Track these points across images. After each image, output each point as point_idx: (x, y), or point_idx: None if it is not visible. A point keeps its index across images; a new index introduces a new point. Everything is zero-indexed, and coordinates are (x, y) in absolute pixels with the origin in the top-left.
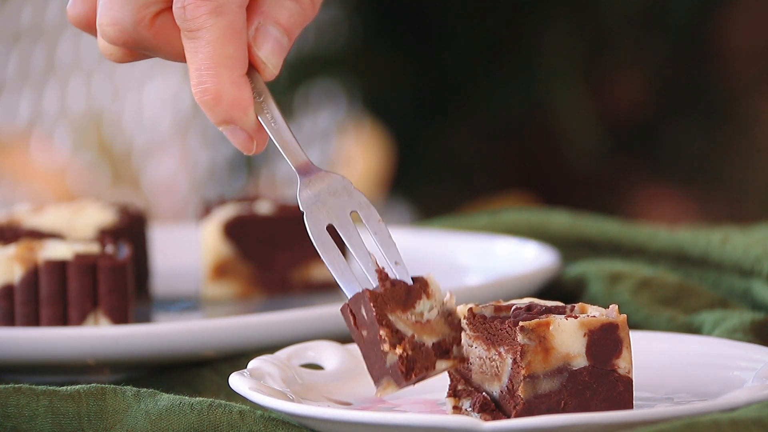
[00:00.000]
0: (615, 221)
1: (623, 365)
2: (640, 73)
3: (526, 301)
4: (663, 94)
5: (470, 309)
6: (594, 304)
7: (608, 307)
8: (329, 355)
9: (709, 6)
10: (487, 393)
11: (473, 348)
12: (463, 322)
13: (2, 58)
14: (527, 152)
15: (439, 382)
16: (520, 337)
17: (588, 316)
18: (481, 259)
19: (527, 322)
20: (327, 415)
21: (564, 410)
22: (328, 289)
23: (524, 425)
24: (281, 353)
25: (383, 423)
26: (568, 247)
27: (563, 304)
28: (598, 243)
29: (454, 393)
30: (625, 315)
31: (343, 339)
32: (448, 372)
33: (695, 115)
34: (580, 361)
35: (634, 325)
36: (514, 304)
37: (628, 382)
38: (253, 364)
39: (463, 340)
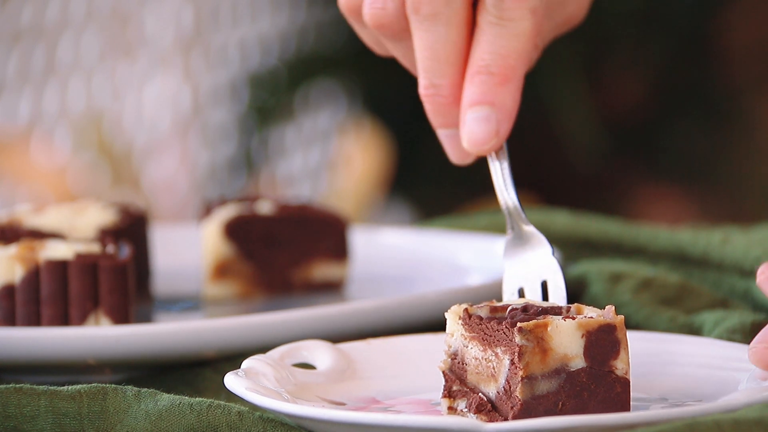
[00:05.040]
0: (616, 221)
1: (621, 366)
2: (640, 73)
3: (522, 301)
4: (663, 94)
5: (465, 309)
6: (595, 304)
7: (604, 308)
8: (321, 354)
9: (709, 6)
10: (483, 394)
11: (469, 348)
12: (459, 322)
13: (2, 58)
14: (527, 152)
15: (434, 383)
16: (518, 338)
17: (585, 317)
18: (481, 259)
19: (525, 323)
20: (332, 417)
21: (561, 411)
22: (329, 289)
23: (526, 427)
24: (274, 353)
25: (387, 424)
26: (569, 247)
27: (559, 305)
28: (598, 243)
29: (449, 394)
30: (623, 316)
31: (340, 339)
32: (443, 373)
33: (695, 115)
34: (578, 362)
35: (634, 326)
36: (509, 305)
37: (625, 383)
38: (247, 363)
39: (458, 341)
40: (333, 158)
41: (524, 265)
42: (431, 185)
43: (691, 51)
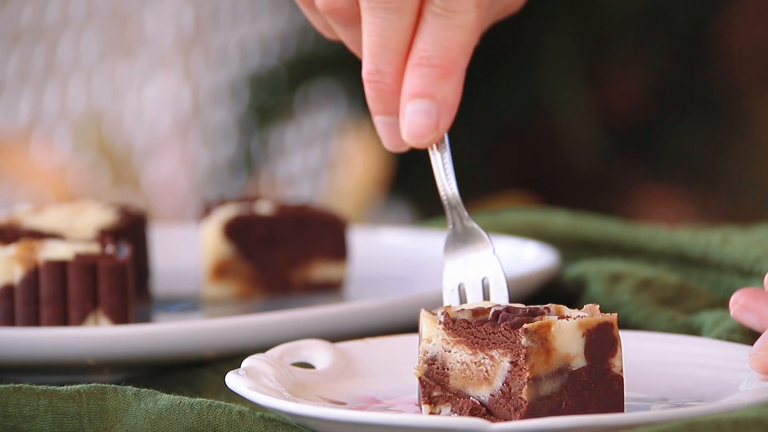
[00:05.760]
0: (615, 221)
1: (617, 364)
2: (640, 73)
3: (492, 303)
4: (663, 94)
5: (446, 314)
6: (595, 304)
7: (582, 307)
8: (320, 354)
9: (709, 6)
10: (473, 398)
11: (452, 353)
12: (439, 327)
13: (2, 58)
14: (527, 152)
15: None
16: (523, 340)
17: (580, 316)
18: None
19: (530, 324)
20: (339, 417)
21: (564, 411)
22: (329, 289)
23: (532, 427)
24: (273, 352)
25: (395, 423)
26: (568, 247)
27: (537, 306)
28: (598, 243)
29: (429, 400)
30: (616, 314)
31: (340, 339)
32: (420, 379)
33: (695, 115)
34: (579, 362)
35: (634, 326)
36: (490, 307)
37: (621, 381)
38: (247, 362)
39: (437, 346)
40: (333, 158)
41: (465, 261)
42: (431, 185)
43: (691, 51)
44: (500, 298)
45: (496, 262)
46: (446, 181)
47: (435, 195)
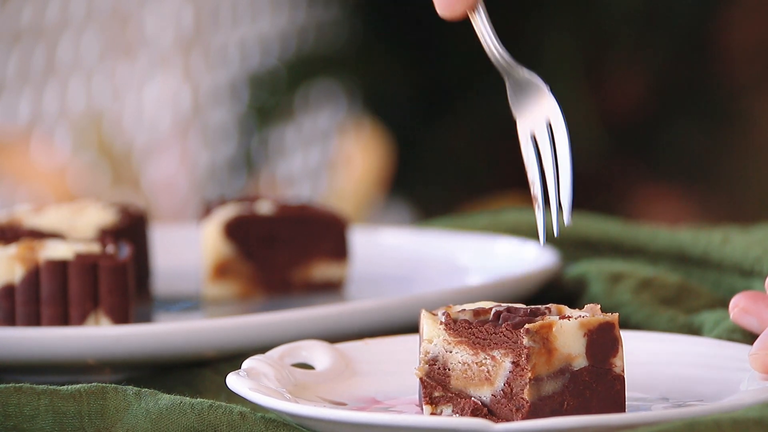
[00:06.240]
0: (615, 221)
1: (619, 364)
2: (640, 73)
3: (494, 304)
4: (663, 94)
5: (447, 314)
6: (596, 304)
7: (583, 307)
8: (320, 354)
9: (709, 6)
10: (475, 398)
11: (453, 353)
12: (440, 327)
13: (2, 58)
14: None
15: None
16: (525, 340)
17: (582, 316)
18: (481, 259)
19: (531, 324)
20: (341, 418)
21: (566, 411)
22: (329, 289)
23: (535, 427)
24: (273, 353)
25: (398, 424)
26: (569, 247)
27: (539, 306)
28: (598, 243)
29: (430, 400)
30: (617, 314)
31: (340, 339)
32: (421, 379)
33: (695, 115)
34: (581, 362)
35: (634, 325)
36: (491, 308)
37: (622, 381)
38: (247, 363)
39: (438, 346)
40: (333, 158)
41: (530, 109)
42: (431, 185)
43: (691, 51)
44: (561, 140)
45: (552, 101)
46: (491, 42)
47: (435, 195)
